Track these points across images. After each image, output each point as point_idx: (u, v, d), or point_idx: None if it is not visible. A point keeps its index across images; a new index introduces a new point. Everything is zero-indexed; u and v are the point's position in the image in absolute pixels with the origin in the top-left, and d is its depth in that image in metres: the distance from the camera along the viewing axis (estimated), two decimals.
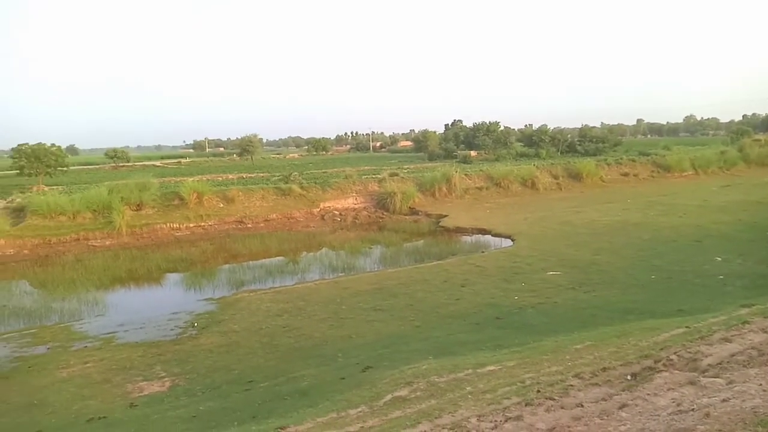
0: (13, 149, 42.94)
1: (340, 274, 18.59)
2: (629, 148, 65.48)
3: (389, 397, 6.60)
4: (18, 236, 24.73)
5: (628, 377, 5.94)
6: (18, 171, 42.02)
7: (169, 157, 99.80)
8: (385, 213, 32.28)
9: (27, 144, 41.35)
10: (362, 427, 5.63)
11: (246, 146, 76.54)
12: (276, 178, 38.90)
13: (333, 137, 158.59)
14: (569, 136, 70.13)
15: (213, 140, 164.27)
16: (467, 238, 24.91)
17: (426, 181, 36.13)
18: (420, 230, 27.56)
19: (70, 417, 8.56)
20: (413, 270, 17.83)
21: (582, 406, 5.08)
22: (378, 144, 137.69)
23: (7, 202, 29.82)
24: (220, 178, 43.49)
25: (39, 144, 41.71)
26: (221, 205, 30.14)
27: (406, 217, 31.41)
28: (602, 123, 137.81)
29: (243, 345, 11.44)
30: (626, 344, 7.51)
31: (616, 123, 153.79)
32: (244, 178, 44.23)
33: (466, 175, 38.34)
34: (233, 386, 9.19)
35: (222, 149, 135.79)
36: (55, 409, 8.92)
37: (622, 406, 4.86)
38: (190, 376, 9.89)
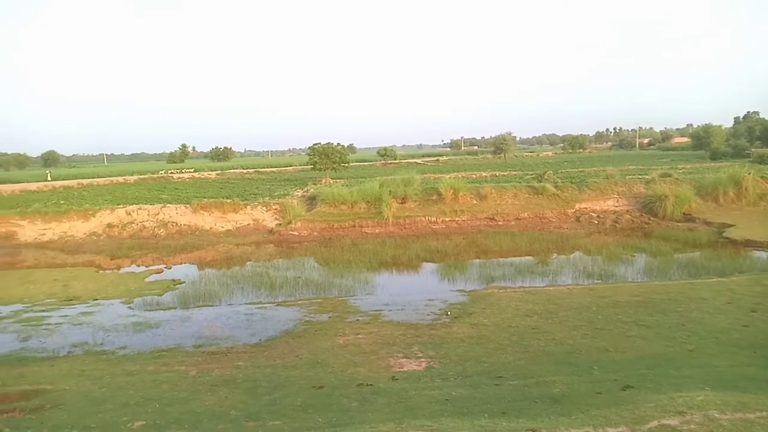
0: (309, 148, 52.17)
1: (596, 281, 17.39)
2: None
3: (655, 423, 5.93)
4: (310, 220, 29.82)
5: None
6: (312, 166, 50.76)
7: (428, 155, 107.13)
8: (652, 218, 28.94)
9: (319, 143, 49.81)
10: None
11: (500, 144, 77.48)
12: (529, 176, 38.39)
13: (592, 134, 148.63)
14: None
15: (468, 139, 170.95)
16: (761, 254, 20.61)
17: (707, 184, 31.09)
18: (696, 240, 23.91)
19: (345, 379, 9.80)
20: (686, 285, 15.60)
21: None
22: (646, 141, 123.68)
23: (304, 192, 36.40)
24: (474, 176, 44.97)
25: (328, 143, 49.83)
26: (474, 202, 31.15)
27: (679, 224, 27.60)
28: None
29: (492, 340, 11.65)
30: None
31: None
32: (496, 176, 44.89)
33: (762, 177, 31.68)
34: (483, 378, 9.44)
35: (476, 148, 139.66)
36: (333, 370, 10.30)
37: None
38: (443, 361, 10.50)
